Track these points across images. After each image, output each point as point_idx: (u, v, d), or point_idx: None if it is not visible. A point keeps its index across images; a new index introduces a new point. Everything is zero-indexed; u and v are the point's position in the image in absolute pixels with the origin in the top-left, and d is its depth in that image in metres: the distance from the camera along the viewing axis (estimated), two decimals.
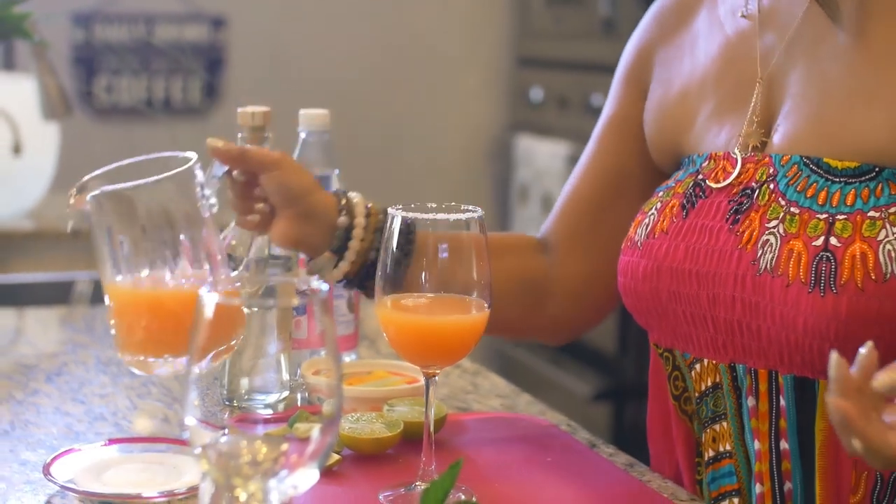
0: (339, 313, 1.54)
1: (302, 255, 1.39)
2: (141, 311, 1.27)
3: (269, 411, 1.29)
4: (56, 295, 2.33)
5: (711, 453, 1.31)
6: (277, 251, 1.41)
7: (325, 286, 0.92)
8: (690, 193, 1.31)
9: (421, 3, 4.12)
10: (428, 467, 1.23)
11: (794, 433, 1.23)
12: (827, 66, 1.25)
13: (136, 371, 1.30)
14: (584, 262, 1.46)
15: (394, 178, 4.04)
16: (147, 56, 3.77)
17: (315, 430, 0.90)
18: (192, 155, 1.30)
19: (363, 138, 3.95)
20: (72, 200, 1.30)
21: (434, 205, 1.22)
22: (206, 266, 1.29)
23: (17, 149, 2.56)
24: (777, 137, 1.27)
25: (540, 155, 3.83)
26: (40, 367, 1.65)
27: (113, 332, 1.29)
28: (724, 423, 1.28)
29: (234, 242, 1.41)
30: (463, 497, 1.20)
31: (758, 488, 1.26)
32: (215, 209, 1.33)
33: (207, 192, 1.32)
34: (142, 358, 1.28)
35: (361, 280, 1.36)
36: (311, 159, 1.55)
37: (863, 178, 1.20)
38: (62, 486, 1.22)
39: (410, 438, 1.33)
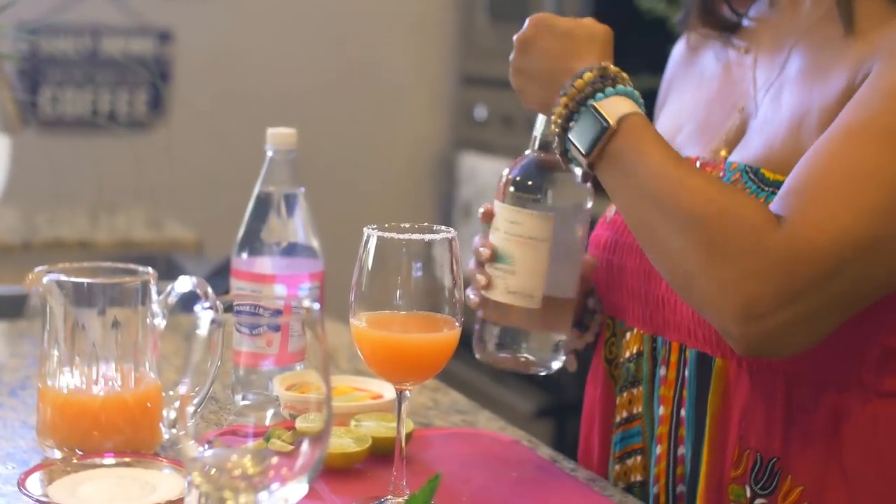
0: (295, 329, 1.55)
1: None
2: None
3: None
4: (7, 308, 2.33)
5: (624, 415, 1.45)
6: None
7: (316, 305, 0.94)
8: None
9: (367, 21, 4.15)
10: (399, 481, 1.26)
11: (692, 403, 1.35)
12: (784, 93, 1.37)
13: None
14: None
15: (337, 193, 4.06)
16: (92, 69, 3.77)
17: (304, 444, 0.93)
18: (150, 272, 1.39)
19: (306, 154, 3.96)
20: (30, 277, 1.36)
21: (407, 225, 1.25)
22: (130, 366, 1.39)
23: None
24: (735, 150, 1.40)
25: (483, 172, 3.87)
26: (3, 380, 1.65)
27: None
28: (640, 388, 1.42)
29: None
30: None
31: (658, 449, 1.39)
32: (162, 326, 1.40)
33: (156, 308, 1.39)
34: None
35: None
36: (278, 177, 1.57)
37: None
38: (37, 500, 1.23)
39: (378, 453, 1.36)
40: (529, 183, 1.37)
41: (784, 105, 1.35)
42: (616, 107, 1.27)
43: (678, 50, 1.62)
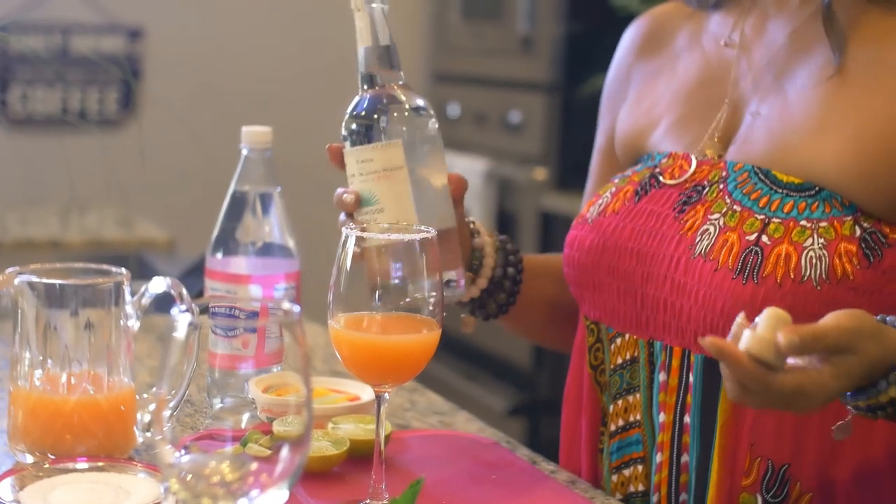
0: (271, 331, 1.53)
1: None
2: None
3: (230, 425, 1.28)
4: None
5: (620, 423, 1.41)
6: None
7: (296, 307, 0.92)
8: (646, 183, 1.42)
9: (340, 19, 4.12)
10: (378, 485, 1.24)
11: (698, 409, 1.33)
12: (792, 97, 1.36)
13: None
14: None
15: (313, 192, 4.03)
16: (63, 66, 3.73)
17: (284, 449, 0.91)
18: (124, 273, 1.36)
19: (281, 152, 3.94)
20: (1, 278, 1.33)
21: (386, 225, 1.23)
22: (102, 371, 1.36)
23: None
24: (734, 149, 1.39)
25: (457, 169, 3.79)
26: None
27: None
28: (637, 395, 1.39)
29: None
30: None
31: (658, 457, 1.36)
32: (136, 328, 1.37)
33: (130, 309, 1.36)
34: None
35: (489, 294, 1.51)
36: (253, 176, 1.55)
37: (803, 193, 1.30)
38: None
39: (356, 456, 1.34)
40: (368, 117, 1.37)
41: (796, 106, 1.34)
42: None
43: (633, 36, 1.57)
